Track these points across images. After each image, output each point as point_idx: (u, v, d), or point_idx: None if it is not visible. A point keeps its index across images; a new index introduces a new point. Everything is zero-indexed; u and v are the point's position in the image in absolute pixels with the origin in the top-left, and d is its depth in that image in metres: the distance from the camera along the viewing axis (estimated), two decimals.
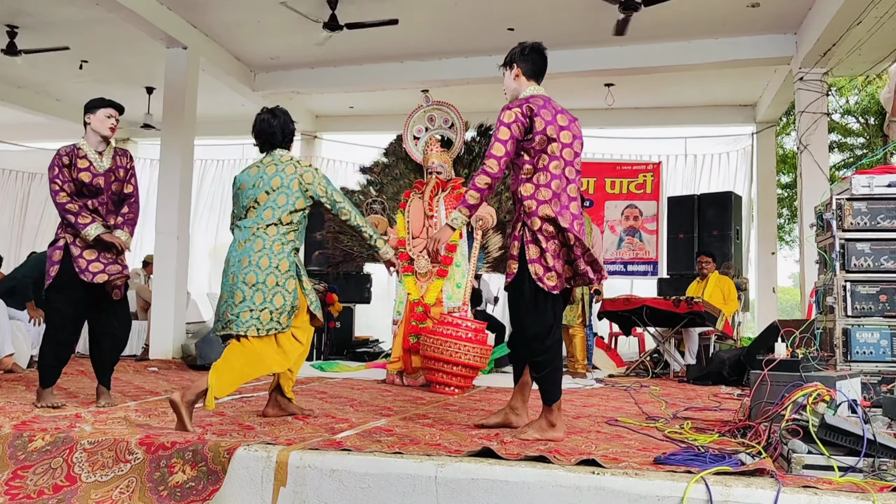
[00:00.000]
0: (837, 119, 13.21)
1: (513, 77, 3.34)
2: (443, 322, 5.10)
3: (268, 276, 3.34)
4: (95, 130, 4.02)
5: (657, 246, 9.93)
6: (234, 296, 3.34)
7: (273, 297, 3.34)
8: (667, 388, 5.64)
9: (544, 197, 3.11)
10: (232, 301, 3.34)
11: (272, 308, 3.33)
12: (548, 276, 3.08)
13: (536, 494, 2.34)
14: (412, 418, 3.64)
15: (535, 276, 3.08)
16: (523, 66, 3.33)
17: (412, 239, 5.58)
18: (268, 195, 3.44)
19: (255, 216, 3.44)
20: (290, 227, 3.46)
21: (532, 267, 3.09)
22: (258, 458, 2.59)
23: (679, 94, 9.83)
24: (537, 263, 3.09)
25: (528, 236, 3.12)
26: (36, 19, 7.49)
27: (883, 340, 4.04)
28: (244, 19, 7.58)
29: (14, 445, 2.84)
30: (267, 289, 3.33)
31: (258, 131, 3.63)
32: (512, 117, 3.15)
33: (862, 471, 2.33)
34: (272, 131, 3.59)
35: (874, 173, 4.16)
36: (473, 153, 6.13)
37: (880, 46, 7.14)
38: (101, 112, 4.02)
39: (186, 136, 7.70)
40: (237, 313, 3.31)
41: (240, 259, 3.38)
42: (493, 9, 7.22)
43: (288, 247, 3.44)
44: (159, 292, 7.35)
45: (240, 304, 3.31)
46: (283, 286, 3.38)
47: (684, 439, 3.05)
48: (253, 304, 3.31)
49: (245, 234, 3.43)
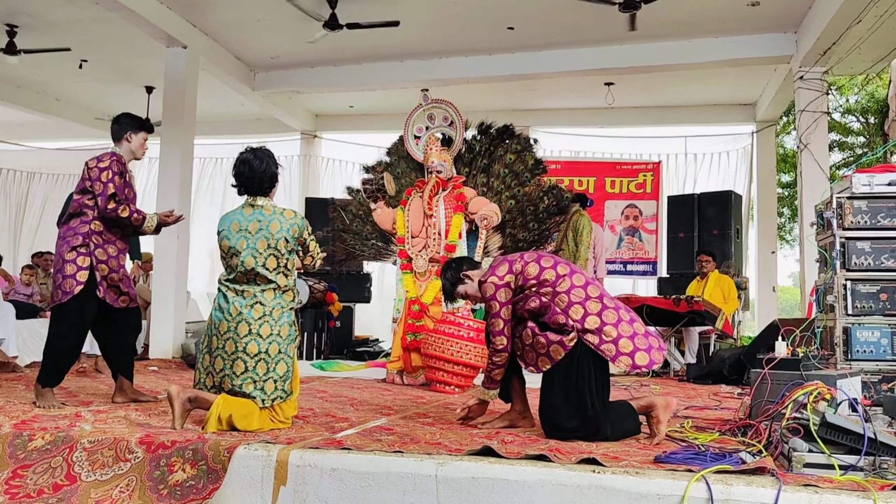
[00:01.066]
0: (838, 118, 13.21)
1: (472, 290, 3.47)
2: (444, 321, 5.09)
3: (270, 344, 3.20)
4: (133, 151, 4.15)
5: (657, 245, 9.93)
6: (233, 366, 3.17)
7: (276, 365, 3.22)
8: (667, 387, 5.64)
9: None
10: (233, 371, 3.18)
11: (276, 377, 3.21)
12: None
13: (537, 493, 2.33)
14: (412, 417, 3.64)
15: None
16: (464, 278, 3.49)
17: (411, 238, 5.58)
18: (255, 259, 3.24)
19: (248, 280, 3.25)
20: (286, 288, 3.31)
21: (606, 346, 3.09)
22: (258, 456, 2.58)
23: (679, 94, 9.82)
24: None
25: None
26: (35, 19, 7.49)
27: (883, 339, 4.04)
28: (244, 19, 7.58)
29: (14, 445, 2.84)
30: (270, 358, 3.20)
31: (237, 174, 3.36)
32: None
33: (863, 469, 2.33)
34: (252, 176, 3.32)
35: (874, 172, 4.16)
36: (474, 152, 6.13)
37: (880, 45, 7.14)
38: (142, 135, 4.17)
39: (186, 136, 7.70)
40: (240, 384, 3.16)
41: (236, 325, 3.19)
42: (493, 8, 7.22)
43: (287, 311, 3.29)
44: (159, 292, 7.35)
45: (241, 376, 3.16)
46: (286, 352, 3.26)
47: (685, 438, 3.05)
48: (256, 374, 3.16)
49: (238, 299, 3.24)
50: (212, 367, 3.24)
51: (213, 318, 3.29)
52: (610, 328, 3.06)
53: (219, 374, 3.21)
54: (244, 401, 3.16)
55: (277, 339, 3.23)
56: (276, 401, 3.21)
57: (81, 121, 10.95)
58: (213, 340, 3.25)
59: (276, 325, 3.24)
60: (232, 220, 3.35)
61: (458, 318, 5.08)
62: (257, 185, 3.34)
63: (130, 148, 4.10)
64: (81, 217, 3.91)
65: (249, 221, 3.30)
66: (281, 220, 3.31)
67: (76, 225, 3.90)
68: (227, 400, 3.12)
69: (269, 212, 3.32)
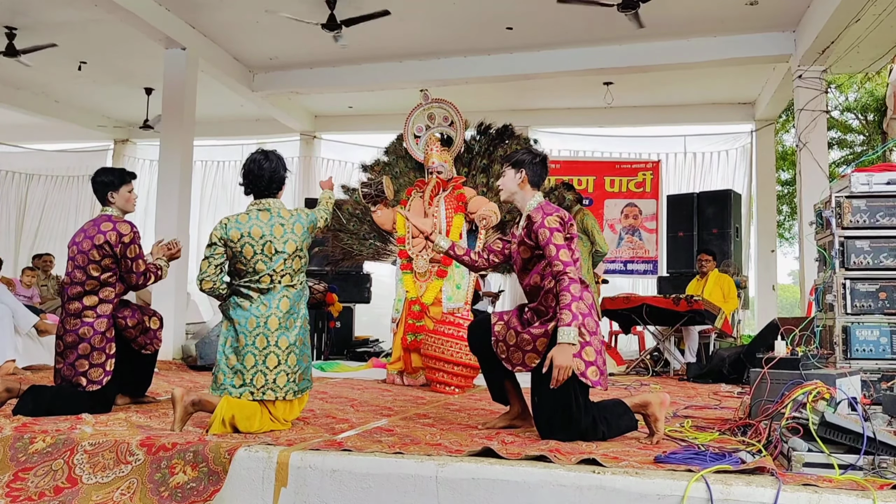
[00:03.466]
0: (837, 116, 13.22)
1: (517, 180, 3.28)
2: (444, 321, 5.10)
3: (297, 336, 3.30)
4: (122, 208, 3.93)
5: (657, 244, 9.94)
6: (266, 361, 3.22)
7: (301, 356, 3.32)
8: (667, 386, 5.64)
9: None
10: (265, 366, 3.21)
11: (303, 368, 3.32)
12: (590, 370, 3.04)
13: (537, 494, 2.34)
14: (413, 418, 3.64)
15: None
16: (531, 174, 3.29)
17: (412, 238, 5.58)
18: (285, 263, 3.30)
19: (271, 281, 3.29)
20: (300, 279, 3.40)
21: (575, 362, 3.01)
22: (259, 458, 2.59)
23: (678, 93, 9.83)
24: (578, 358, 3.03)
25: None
26: (34, 20, 7.49)
27: (882, 338, 4.05)
28: (243, 20, 7.58)
29: (15, 447, 2.85)
30: (297, 349, 3.29)
31: (247, 172, 3.40)
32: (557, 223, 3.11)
33: (862, 468, 2.33)
34: (260, 175, 3.36)
35: (873, 171, 4.17)
36: (473, 152, 6.12)
37: (879, 44, 7.14)
38: (125, 189, 3.93)
39: (186, 137, 7.70)
40: (273, 378, 3.21)
41: (266, 320, 3.24)
42: (492, 8, 7.22)
43: (303, 302, 3.40)
44: (159, 293, 7.35)
45: (275, 370, 3.22)
46: (306, 343, 3.37)
47: (685, 438, 3.05)
48: (288, 367, 3.24)
49: (267, 297, 3.29)
50: (241, 364, 3.24)
51: (235, 318, 3.30)
52: (586, 333, 3.04)
53: (250, 373, 3.22)
54: (247, 402, 3.17)
55: (301, 330, 3.34)
56: (305, 390, 3.34)
57: (80, 123, 10.97)
58: (241, 338, 3.26)
59: (299, 318, 3.34)
60: (250, 226, 3.32)
61: (457, 319, 5.08)
62: (265, 185, 3.37)
63: (118, 206, 3.90)
64: (100, 294, 3.75)
65: (272, 226, 3.32)
66: (301, 220, 3.39)
67: (96, 305, 3.74)
68: (230, 402, 3.13)
69: (288, 215, 3.38)
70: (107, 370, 3.70)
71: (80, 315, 3.70)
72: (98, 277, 3.74)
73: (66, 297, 3.76)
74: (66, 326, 3.71)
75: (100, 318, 3.71)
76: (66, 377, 3.69)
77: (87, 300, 3.72)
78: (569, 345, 2.93)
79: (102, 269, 3.74)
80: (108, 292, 3.77)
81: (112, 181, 3.89)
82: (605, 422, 3.04)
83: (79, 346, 3.67)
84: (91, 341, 3.68)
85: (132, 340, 3.89)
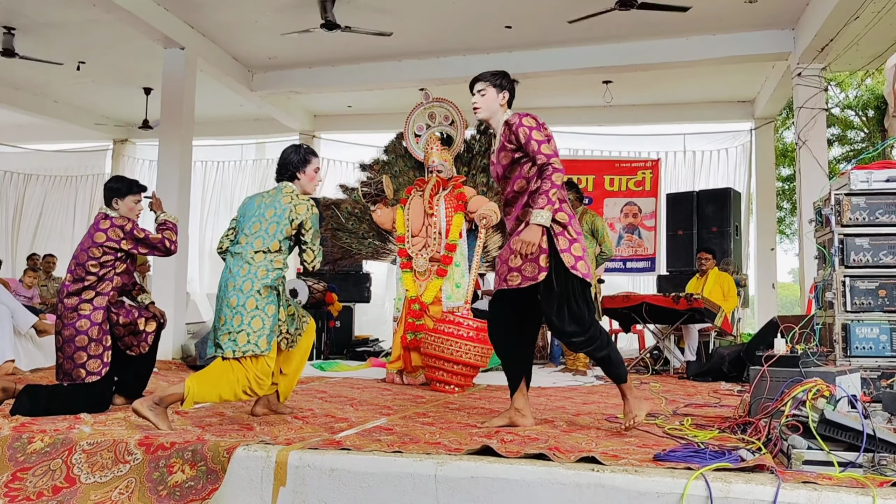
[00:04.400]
0: (837, 113, 13.21)
1: (500, 101, 3.47)
2: (444, 320, 5.09)
3: (248, 299, 3.37)
4: (126, 216, 4.07)
5: (656, 243, 9.93)
6: (219, 319, 3.41)
7: (252, 319, 3.36)
8: (667, 384, 5.64)
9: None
10: (217, 324, 3.41)
11: (250, 331, 3.35)
12: (580, 264, 3.17)
13: (536, 492, 2.33)
14: (412, 417, 3.64)
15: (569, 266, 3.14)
16: (510, 95, 3.50)
17: (412, 237, 5.58)
18: (260, 224, 3.52)
19: (245, 243, 3.51)
20: (277, 255, 3.50)
21: (565, 256, 3.14)
22: (257, 457, 2.58)
23: (677, 91, 9.83)
24: (568, 253, 3.15)
25: (557, 228, 3.18)
26: (32, 21, 7.49)
27: (882, 335, 4.04)
28: (241, 19, 7.57)
29: (13, 447, 2.84)
30: (245, 311, 3.36)
31: (279, 161, 3.76)
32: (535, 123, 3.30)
33: (862, 466, 2.33)
34: (286, 163, 3.69)
35: (872, 168, 4.16)
36: (473, 151, 6.12)
37: (878, 41, 7.13)
38: (130, 198, 4.10)
39: (185, 137, 7.70)
40: (219, 336, 3.37)
41: (226, 283, 3.44)
42: (491, 7, 7.22)
43: (273, 273, 3.46)
44: (158, 293, 7.34)
45: (222, 328, 3.38)
46: (263, 310, 3.39)
47: (684, 436, 3.05)
48: (231, 326, 3.35)
49: (235, 261, 3.49)
50: (216, 322, 3.44)
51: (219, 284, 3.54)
52: (573, 232, 3.22)
53: (214, 332, 3.42)
54: (210, 369, 3.31)
55: (256, 295, 3.39)
56: (246, 353, 3.33)
57: (79, 123, 10.96)
58: (216, 303, 3.49)
59: (257, 282, 3.40)
60: (259, 194, 3.75)
61: (457, 318, 5.08)
62: (287, 170, 3.70)
63: (121, 213, 4.05)
64: (97, 289, 3.86)
65: (267, 196, 3.65)
66: (294, 197, 3.58)
67: (92, 298, 3.84)
68: (194, 378, 3.25)
69: (288, 190, 3.62)
70: (104, 361, 3.80)
71: (76, 309, 3.81)
72: (97, 273, 3.87)
73: (66, 293, 3.84)
74: (65, 321, 3.80)
75: (96, 311, 3.82)
76: (67, 371, 3.77)
77: (85, 294, 3.84)
78: (538, 226, 3.08)
79: (101, 266, 3.88)
80: (104, 286, 3.88)
81: (119, 188, 4.08)
82: (608, 345, 3.24)
83: (75, 338, 3.77)
84: (89, 333, 3.78)
85: (119, 338, 3.92)
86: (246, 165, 11.72)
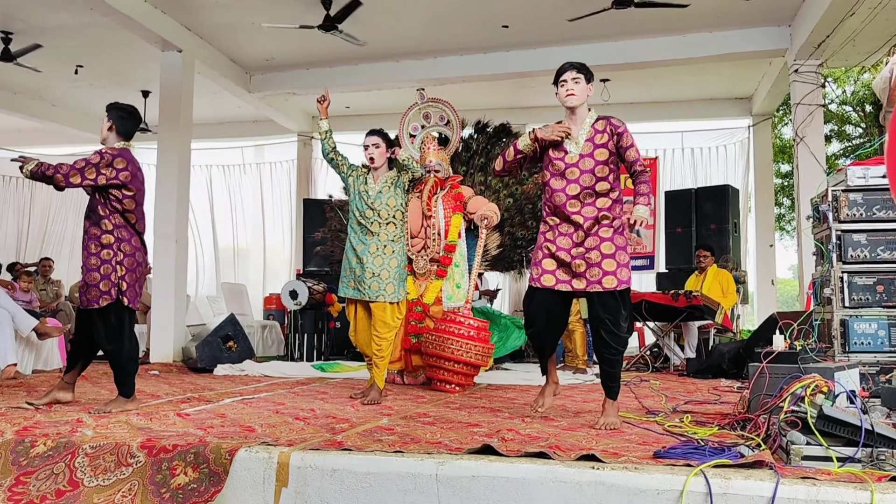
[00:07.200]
0: (835, 109, 13.21)
1: (588, 93, 3.70)
2: (445, 320, 5.10)
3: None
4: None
5: (655, 240, 9.94)
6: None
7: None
8: (667, 381, 5.66)
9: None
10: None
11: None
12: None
13: (537, 491, 2.35)
14: (413, 417, 3.65)
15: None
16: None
17: (411, 238, 5.58)
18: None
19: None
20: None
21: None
22: (259, 459, 2.59)
23: (675, 89, 9.84)
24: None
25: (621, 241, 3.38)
26: (30, 25, 7.49)
27: (881, 331, 4.06)
28: (239, 21, 7.58)
29: (16, 451, 2.85)
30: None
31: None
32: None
33: (860, 461, 2.34)
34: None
35: (869, 164, 4.17)
36: (471, 150, 6.13)
37: (874, 37, 7.14)
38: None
39: (183, 140, 7.70)
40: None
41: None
42: (488, 6, 7.23)
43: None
44: (158, 295, 7.36)
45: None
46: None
47: (684, 433, 3.06)
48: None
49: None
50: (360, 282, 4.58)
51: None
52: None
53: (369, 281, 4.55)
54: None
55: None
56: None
57: (78, 126, 10.96)
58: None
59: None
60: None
61: (458, 317, 5.08)
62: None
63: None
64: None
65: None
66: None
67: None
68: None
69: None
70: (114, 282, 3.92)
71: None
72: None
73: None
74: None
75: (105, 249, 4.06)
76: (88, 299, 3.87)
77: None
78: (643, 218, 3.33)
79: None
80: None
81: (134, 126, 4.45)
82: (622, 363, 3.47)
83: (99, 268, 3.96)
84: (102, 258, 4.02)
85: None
86: (246, 168, 11.71)
